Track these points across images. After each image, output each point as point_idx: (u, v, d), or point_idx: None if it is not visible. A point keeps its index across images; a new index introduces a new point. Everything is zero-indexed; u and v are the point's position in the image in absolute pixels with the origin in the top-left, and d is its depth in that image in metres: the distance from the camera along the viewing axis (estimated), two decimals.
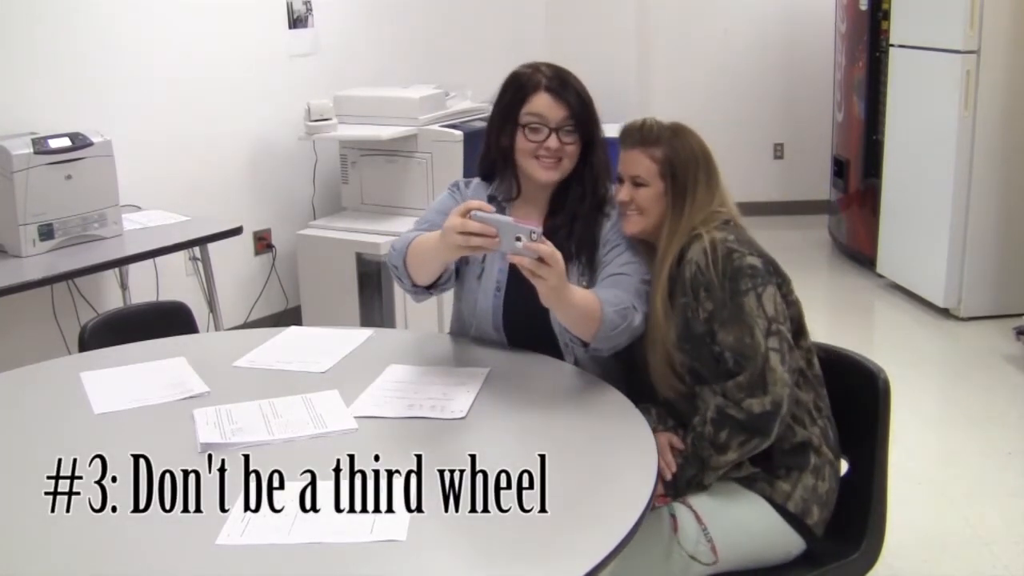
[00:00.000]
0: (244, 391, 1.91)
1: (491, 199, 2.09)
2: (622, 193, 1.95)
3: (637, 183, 1.93)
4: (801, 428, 1.83)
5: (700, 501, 1.81)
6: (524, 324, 2.08)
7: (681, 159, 1.90)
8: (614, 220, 2.04)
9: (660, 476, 1.79)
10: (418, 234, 1.99)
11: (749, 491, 1.82)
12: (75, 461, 1.67)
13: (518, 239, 1.71)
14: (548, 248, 1.72)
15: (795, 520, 1.81)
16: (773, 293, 1.81)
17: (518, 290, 2.06)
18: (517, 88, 2.03)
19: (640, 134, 1.94)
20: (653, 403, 1.96)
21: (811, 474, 1.83)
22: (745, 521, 1.81)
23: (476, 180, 2.17)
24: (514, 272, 2.07)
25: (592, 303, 1.85)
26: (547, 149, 1.99)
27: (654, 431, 1.86)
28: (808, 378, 1.88)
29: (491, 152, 2.10)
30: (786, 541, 1.82)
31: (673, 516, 1.78)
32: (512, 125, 2.02)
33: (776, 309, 1.80)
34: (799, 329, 1.88)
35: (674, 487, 1.82)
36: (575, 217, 2.03)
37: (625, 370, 2.09)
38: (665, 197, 1.91)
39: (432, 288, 2.03)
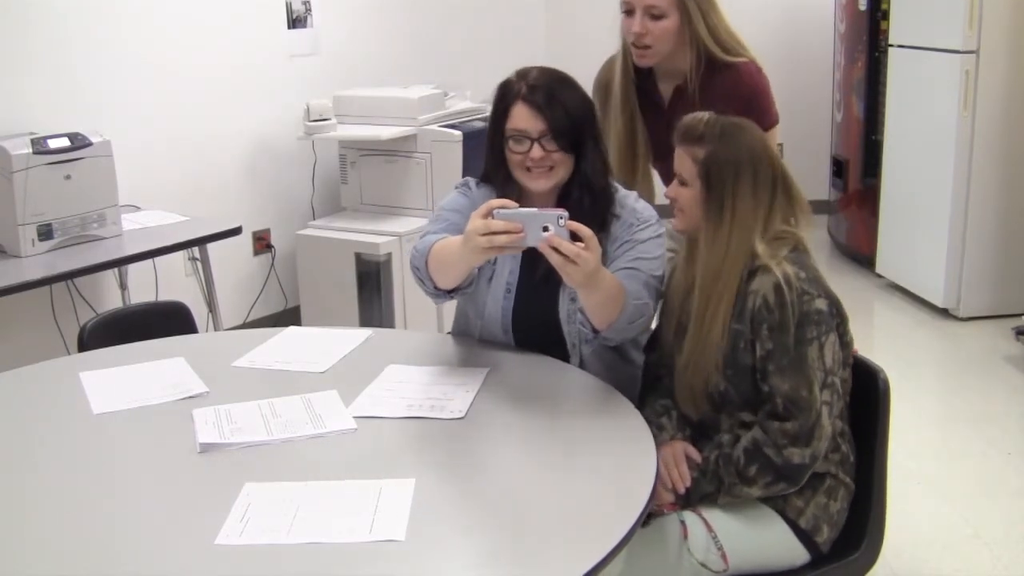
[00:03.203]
0: (243, 391, 1.91)
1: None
2: (669, 189, 1.90)
3: (682, 182, 1.86)
4: (823, 460, 1.80)
5: (711, 510, 1.79)
6: (533, 327, 2.07)
7: (720, 163, 1.79)
8: (622, 219, 2.02)
9: (673, 488, 1.79)
10: (440, 236, 1.96)
11: (761, 503, 1.81)
12: (74, 461, 1.67)
13: (545, 228, 1.67)
14: (588, 229, 1.69)
15: (804, 536, 1.80)
16: (834, 341, 1.77)
17: (528, 292, 2.06)
18: (500, 98, 2.01)
19: (686, 131, 1.85)
20: (673, 399, 1.93)
21: (824, 494, 1.82)
22: (756, 532, 1.79)
23: (484, 184, 2.13)
24: (524, 274, 2.07)
25: (620, 290, 1.83)
26: (532, 160, 1.96)
27: (671, 438, 1.86)
28: (840, 408, 1.84)
29: (490, 160, 2.08)
30: (793, 554, 1.82)
31: (683, 523, 1.77)
32: (500, 136, 2.00)
33: (834, 359, 1.76)
34: (845, 364, 1.84)
35: (686, 499, 1.80)
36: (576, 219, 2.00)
37: (631, 370, 2.09)
38: (700, 201, 1.82)
39: (454, 292, 2.00)
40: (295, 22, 4.41)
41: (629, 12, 2.13)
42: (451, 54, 5.15)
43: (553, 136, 1.94)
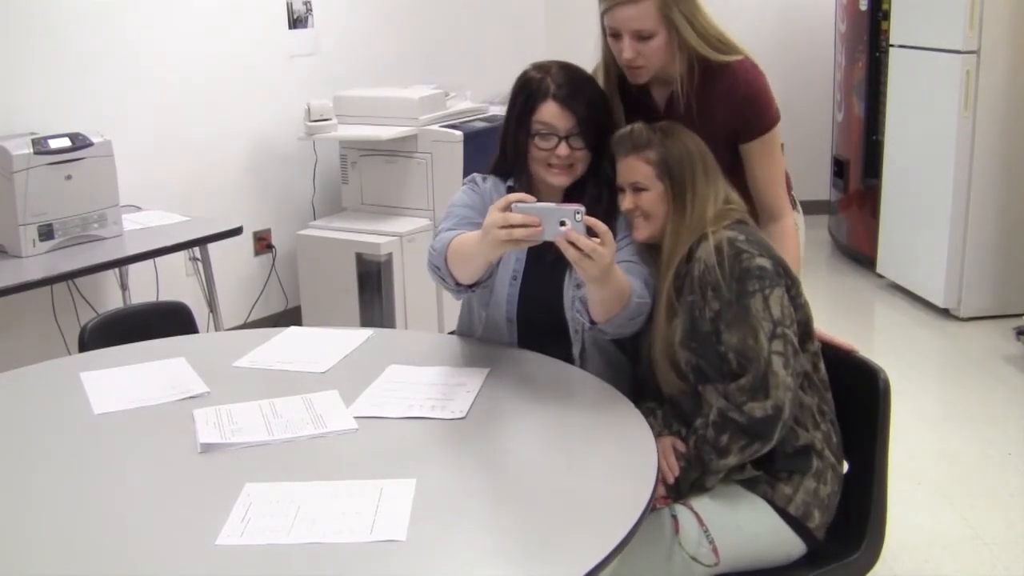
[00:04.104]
0: (244, 391, 1.91)
1: (509, 190, 2.08)
2: (625, 202, 1.94)
3: (637, 188, 1.92)
4: (804, 432, 1.83)
5: (701, 503, 1.80)
6: (537, 315, 2.09)
7: (675, 157, 1.90)
8: None
9: (662, 479, 1.80)
10: (456, 233, 1.97)
11: (751, 493, 1.82)
12: (75, 461, 1.67)
13: (562, 223, 1.69)
14: (604, 225, 1.71)
15: (796, 523, 1.81)
16: (781, 296, 1.80)
17: (534, 280, 2.08)
18: (528, 95, 2.02)
19: (631, 141, 1.93)
20: (659, 402, 1.96)
21: (813, 478, 1.82)
22: (746, 523, 1.80)
23: (492, 176, 2.15)
24: (531, 262, 2.08)
25: (627, 288, 1.86)
26: (558, 157, 1.99)
27: (658, 435, 1.87)
28: (814, 382, 1.87)
29: (506, 155, 2.09)
30: (787, 544, 1.82)
31: (674, 517, 1.78)
32: (524, 131, 2.02)
33: (783, 312, 1.79)
34: (807, 333, 1.87)
35: (676, 490, 1.81)
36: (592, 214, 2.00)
37: (631, 364, 2.10)
38: (666, 197, 1.90)
39: (475, 286, 2.01)
40: (295, 22, 4.41)
41: (615, 36, 2.10)
42: (451, 54, 5.15)
43: (580, 134, 1.98)
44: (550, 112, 1.98)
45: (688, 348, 1.85)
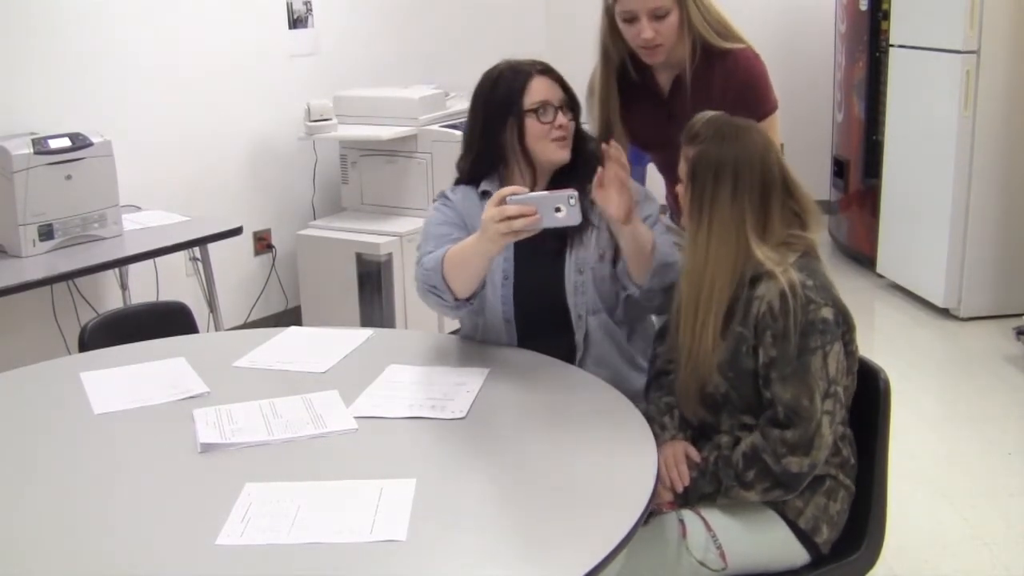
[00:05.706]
0: (244, 391, 1.91)
1: (484, 195, 2.08)
2: (678, 186, 1.91)
3: (681, 179, 1.88)
4: (823, 464, 1.80)
5: (710, 509, 1.79)
6: (534, 310, 2.10)
7: (704, 161, 1.79)
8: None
9: (671, 487, 1.79)
10: (447, 247, 1.98)
11: (760, 503, 1.81)
12: (75, 461, 1.67)
13: (558, 209, 1.75)
14: (614, 150, 1.85)
15: (804, 536, 1.80)
16: (838, 351, 1.76)
17: (527, 276, 2.09)
18: (510, 82, 2.06)
19: (687, 130, 1.86)
20: (677, 403, 1.92)
21: (824, 495, 1.81)
22: (754, 532, 1.79)
23: (460, 187, 2.16)
24: (520, 259, 2.09)
25: (650, 235, 1.96)
26: (560, 128, 2.03)
27: (672, 437, 1.86)
28: (842, 416, 1.84)
29: (484, 153, 2.10)
30: (793, 554, 1.81)
31: (682, 522, 1.77)
32: (516, 117, 2.03)
33: (838, 369, 1.75)
34: (848, 373, 1.83)
35: (684, 497, 1.79)
36: (586, 193, 1.97)
37: (631, 352, 2.11)
38: (687, 197, 1.84)
39: (472, 299, 2.01)
40: (295, 22, 4.41)
41: (631, 20, 2.13)
42: (451, 54, 5.15)
43: (569, 105, 2.06)
44: (541, 87, 2.05)
45: (724, 376, 1.80)
